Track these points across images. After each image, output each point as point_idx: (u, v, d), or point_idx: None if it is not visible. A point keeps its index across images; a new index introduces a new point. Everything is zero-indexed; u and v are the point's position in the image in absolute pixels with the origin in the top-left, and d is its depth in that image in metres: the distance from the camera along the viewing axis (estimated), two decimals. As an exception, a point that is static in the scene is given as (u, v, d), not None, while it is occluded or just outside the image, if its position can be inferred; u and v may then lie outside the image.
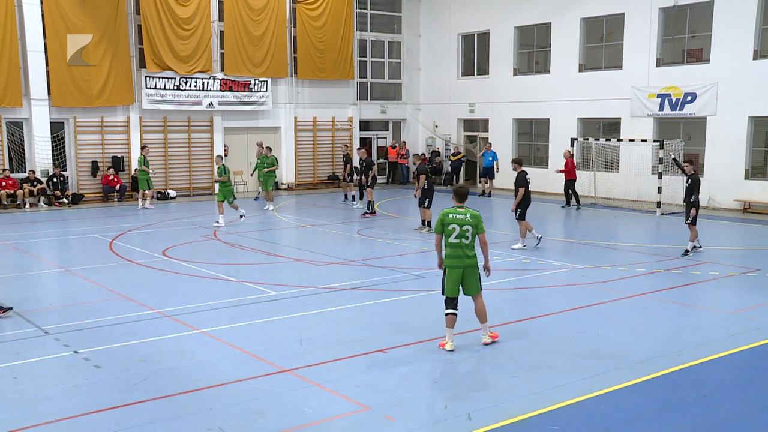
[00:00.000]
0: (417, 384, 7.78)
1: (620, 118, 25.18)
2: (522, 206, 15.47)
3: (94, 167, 25.08)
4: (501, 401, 7.30)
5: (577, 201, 22.98)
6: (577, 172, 23.79)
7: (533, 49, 28.75)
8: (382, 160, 32.51)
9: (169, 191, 26.15)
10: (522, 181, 15.46)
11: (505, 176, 27.04)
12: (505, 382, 7.89)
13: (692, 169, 14.94)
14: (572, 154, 23.63)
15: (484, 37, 29.88)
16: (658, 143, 22.39)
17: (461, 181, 30.54)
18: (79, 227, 19.41)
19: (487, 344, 9.09)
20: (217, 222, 19.00)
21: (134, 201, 24.74)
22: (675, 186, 22.01)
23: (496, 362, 8.52)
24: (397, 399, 7.35)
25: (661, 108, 23.95)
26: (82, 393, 7.57)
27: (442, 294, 9.02)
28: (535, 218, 17.19)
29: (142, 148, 23.93)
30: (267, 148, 24.18)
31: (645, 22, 24.19)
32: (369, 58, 31.55)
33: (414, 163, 18.68)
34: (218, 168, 19.35)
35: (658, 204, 21.69)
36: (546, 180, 26.29)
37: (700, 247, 15.19)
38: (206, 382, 7.81)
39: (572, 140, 24.64)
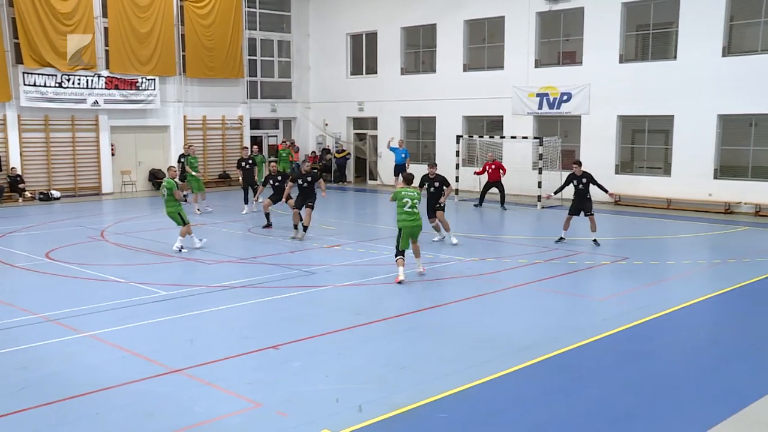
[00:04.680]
0: (308, 379, 7.88)
1: (503, 116, 26.13)
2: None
3: (-33, 167, 23.82)
4: (391, 392, 7.47)
5: (502, 200, 22.56)
6: (463, 169, 24.50)
7: (419, 49, 29.37)
8: (273, 159, 32.37)
9: (53, 192, 25.14)
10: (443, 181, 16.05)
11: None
12: (394, 373, 8.07)
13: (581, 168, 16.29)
14: (495, 158, 23.27)
15: (372, 37, 30.26)
16: (538, 140, 23.45)
17: (350, 178, 31.29)
18: (-49, 232, 18.39)
19: (421, 273, 12.83)
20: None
21: (14, 202, 23.75)
22: (554, 181, 23.04)
23: (386, 354, 8.74)
24: (289, 394, 7.44)
25: (540, 107, 25.04)
26: (-43, 404, 7.22)
27: (397, 248, 12.63)
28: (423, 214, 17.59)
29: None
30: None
31: (523, 25, 25.21)
32: (259, 57, 31.34)
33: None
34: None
35: (539, 198, 22.69)
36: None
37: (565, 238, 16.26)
38: (92, 386, 7.62)
39: (458, 137, 25.39)
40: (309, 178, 16.86)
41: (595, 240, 15.94)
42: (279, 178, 18.17)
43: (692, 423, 6.82)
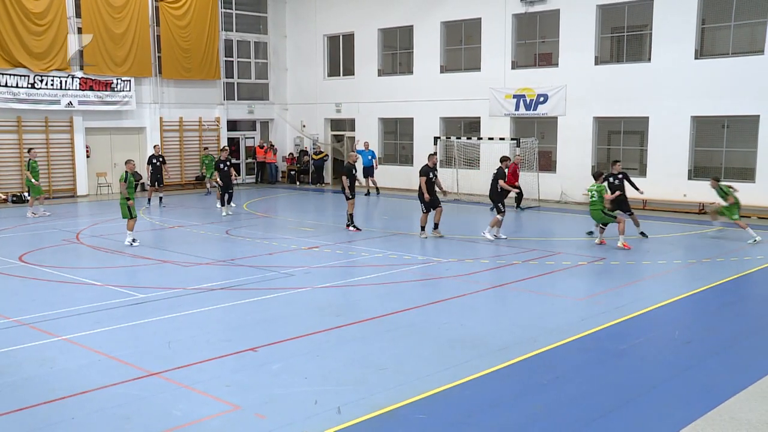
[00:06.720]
0: (287, 381, 7.85)
1: (480, 117, 26.24)
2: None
3: (-63, 170, 23.44)
4: (370, 393, 7.46)
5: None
6: (441, 169, 24.49)
7: (397, 51, 29.42)
8: (250, 160, 32.35)
9: (26, 194, 24.78)
10: None
11: (387, 175, 27.60)
12: (373, 374, 8.06)
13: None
14: (517, 160, 22.42)
15: (349, 38, 30.27)
16: (515, 141, 23.59)
17: (328, 179, 31.03)
18: None
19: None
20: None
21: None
22: (531, 182, 23.25)
23: (365, 356, 8.73)
24: (268, 396, 7.40)
25: (517, 108, 25.18)
26: (-70, 410, 7.10)
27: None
28: (409, 215, 17.63)
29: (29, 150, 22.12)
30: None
31: (500, 26, 25.34)
32: (235, 58, 31.24)
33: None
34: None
35: (519, 199, 22.75)
36: (411, 178, 26.94)
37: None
38: (68, 390, 7.54)
39: (435, 139, 25.46)
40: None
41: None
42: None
43: (669, 420, 6.88)
